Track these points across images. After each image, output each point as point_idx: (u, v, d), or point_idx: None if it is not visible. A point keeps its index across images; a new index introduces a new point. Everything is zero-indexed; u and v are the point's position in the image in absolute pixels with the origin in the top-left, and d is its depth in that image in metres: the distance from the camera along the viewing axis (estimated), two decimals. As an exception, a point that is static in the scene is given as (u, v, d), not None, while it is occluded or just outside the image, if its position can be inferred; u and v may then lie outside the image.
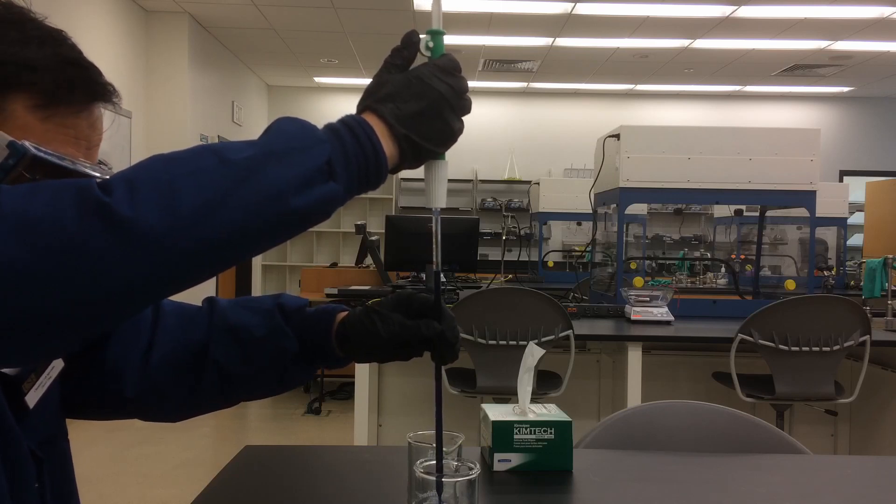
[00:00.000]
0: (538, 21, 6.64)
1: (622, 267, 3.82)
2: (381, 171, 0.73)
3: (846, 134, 9.83)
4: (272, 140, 0.69)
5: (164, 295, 0.68)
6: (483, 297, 2.96)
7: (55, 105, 0.80)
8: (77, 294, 0.60)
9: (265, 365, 0.98)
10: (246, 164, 0.66)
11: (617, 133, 3.70)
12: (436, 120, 0.76)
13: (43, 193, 0.61)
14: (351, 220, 8.75)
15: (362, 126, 0.73)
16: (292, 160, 0.68)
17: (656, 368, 3.37)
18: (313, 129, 0.71)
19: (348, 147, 0.71)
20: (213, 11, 6.58)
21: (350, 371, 3.03)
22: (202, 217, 0.63)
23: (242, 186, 0.65)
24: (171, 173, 0.64)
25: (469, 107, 0.79)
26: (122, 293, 0.62)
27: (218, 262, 0.67)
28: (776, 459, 1.28)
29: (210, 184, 0.64)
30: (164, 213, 0.62)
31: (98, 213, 0.60)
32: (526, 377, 1.19)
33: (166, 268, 0.63)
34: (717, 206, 6.73)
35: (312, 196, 0.68)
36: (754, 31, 6.84)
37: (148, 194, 0.62)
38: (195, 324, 1.00)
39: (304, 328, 0.98)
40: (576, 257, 6.56)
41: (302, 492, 1.09)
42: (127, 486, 3.78)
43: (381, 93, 0.76)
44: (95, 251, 0.60)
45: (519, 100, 9.65)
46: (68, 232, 0.59)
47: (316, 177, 0.68)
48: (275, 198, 0.66)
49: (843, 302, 2.89)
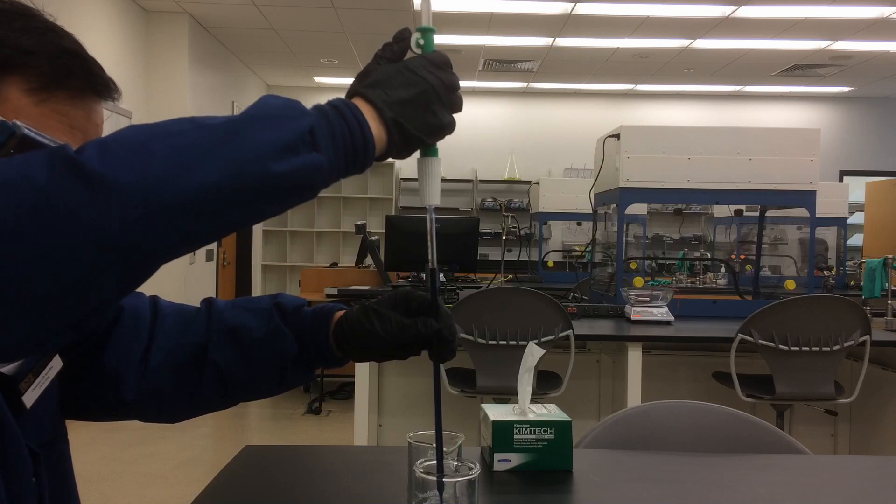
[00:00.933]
0: (538, 21, 6.64)
1: (622, 267, 3.82)
2: (367, 149, 0.72)
3: (846, 134, 9.83)
4: (254, 108, 0.68)
5: (149, 258, 0.63)
6: (483, 297, 2.96)
7: (50, 89, 0.79)
8: (51, 249, 0.58)
9: (265, 366, 0.97)
10: (224, 127, 0.65)
11: (617, 133, 3.70)
12: (425, 110, 0.76)
13: (16, 159, 0.60)
14: (351, 220, 8.76)
15: (349, 106, 0.72)
16: (273, 125, 0.66)
17: (656, 368, 3.37)
18: (297, 103, 0.70)
19: (334, 122, 0.70)
20: (213, 11, 6.58)
21: (350, 371, 3.03)
22: (174, 174, 0.61)
23: (220, 147, 0.63)
24: (147, 134, 0.63)
25: (460, 104, 0.79)
26: (97, 248, 0.60)
27: (195, 225, 0.64)
28: (776, 459, 1.28)
29: (185, 144, 0.63)
30: (135, 169, 0.60)
31: (69, 167, 0.59)
32: (526, 377, 1.19)
33: (140, 223, 0.60)
34: (717, 206, 6.73)
35: (294, 163, 0.66)
36: (754, 31, 6.83)
37: (119, 152, 0.61)
38: (194, 325, 0.99)
39: (302, 328, 0.97)
40: (576, 257, 6.56)
41: (302, 492, 1.09)
42: (127, 486, 3.78)
43: (370, 79, 0.76)
44: (64, 203, 0.58)
45: (519, 100, 9.65)
46: (38, 185, 0.58)
47: (298, 144, 0.67)
48: (252, 160, 0.64)
49: (843, 302, 2.89)
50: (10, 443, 0.81)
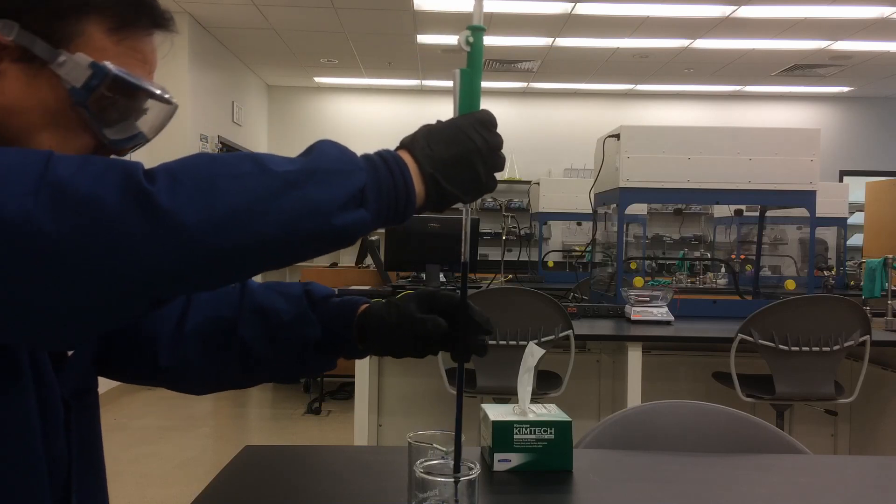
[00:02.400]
0: (538, 21, 6.64)
1: (622, 267, 3.82)
2: (409, 208, 0.75)
3: (846, 134, 9.82)
4: (313, 159, 0.71)
5: (188, 289, 0.69)
6: (483, 297, 2.96)
7: (126, 28, 0.83)
8: (101, 271, 0.62)
9: (289, 348, 1.00)
10: (286, 176, 0.68)
11: (617, 133, 3.70)
12: (466, 169, 0.78)
13: (93, 167, 0.63)
14: (351, 220, 8.76)
15: (397, 162, 0.75)
16: (331, 181, 0.70)
17: (656, 368, 3.37)
18: (353, 155, 0.73)
19: (382, 178, 0.73)
20: (213, 11, 6.58)
21: (350, 371, 3.03)
22: (237, 221, 0.65)
23: (280, 199, 0.67)
24: (214, 172, 0.66)
25: (502, 165, 0.80)
26: (149, 277, 0.64)
27: (243, 267, 0.69)
28: (776, 459, 1.28)
29: (249, 190, 0.66)
30: (200, 211, 0.64)
31: (139, 198, 0.62)
32: (526, 377, 1.19)
33: (194, 262, 0.64)
34: (717, 206, 6.73)
35: (345, 220, 0.70)
36: (754, 31, 6.83)
37: (189, 190, 0.64)
38: (226, 301, 1.02)
39: (329, 317, 1.00)
40: (576, 257, 6.56)
41: (302, 492, 1.09)
42: (127, 486, 3.78)
43: (418, 134, 0.78)
44: (128, 234, 0.62)
45: (519, 100, 9.65)
46: (106, 212, 0.61)
47: (350, 204, 0.70)
48: (307, 217, 0.68)
49: (843, 302, 2.89)
50: (49, 393, 0.84)
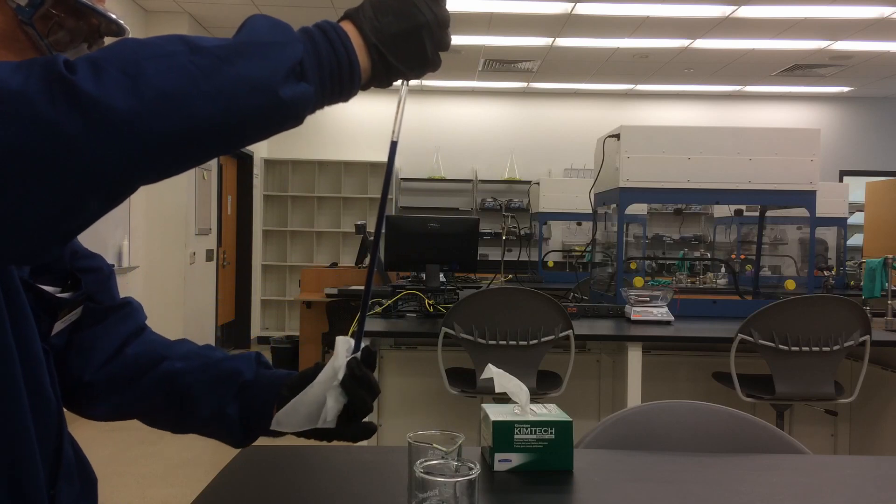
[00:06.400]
0: (538, 21, 6.63)
1: (622, 267, 3.82)
2: (354, 81, 0.72)
3: (846, 134, 9.82)
4: (245, 33, 0.68)
5: (141, 179, 0.65)
6: (483, 296, 2.96)
7: None
8: (43, 171, 0.59)
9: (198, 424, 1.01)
10: (217, 52, 0.65)
11: (617, 133, 3.70)
12: (413, 43, 0.74)
13: (9, 63, 0.61)
14: (351, 220, 8.76)
15: (337, 31, 0.72)
16: (265, 53, 0.66)
17: (656, 368, 3.37)
18: (286, 27, 0.70)
19: (321, 49, 0.70)
20: (213, 11, 6.58)
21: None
22: (172, 102, 0.62)
23: (213, 77, 0.64)
24: (139, 55, 0.63)
25: (448, 43, 0.77)
26: (94, 169, 0.61)
27: (184, 155, 0.65)
28: (776, 459, 1.28)
29: (180, 68, 0.63)
30: (129, 95, 0.60)
31: (62, 88, 0.59)
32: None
33: (137, 150, 0.61)
34: (717, 206, 6.73)
35: (284, 95, 0.66)
36: (754, 31, 6.83)
37: (114, 75, 0.61)
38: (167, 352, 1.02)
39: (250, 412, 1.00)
40: (576, 257, 6.56)
41: (302, 492, 1.09)
42: (127, 487, 3.78)
43: (365, 4, 0.75)
44: (56, 126, 0.59)
45: (519, 100, 9.65)
46: (39, 113, 0.58)
47: (289, 76, 0.67)
48: (244, 94, 0.64)
49: (843, 302, 2.89)
50: (42, 374, 0.85)
